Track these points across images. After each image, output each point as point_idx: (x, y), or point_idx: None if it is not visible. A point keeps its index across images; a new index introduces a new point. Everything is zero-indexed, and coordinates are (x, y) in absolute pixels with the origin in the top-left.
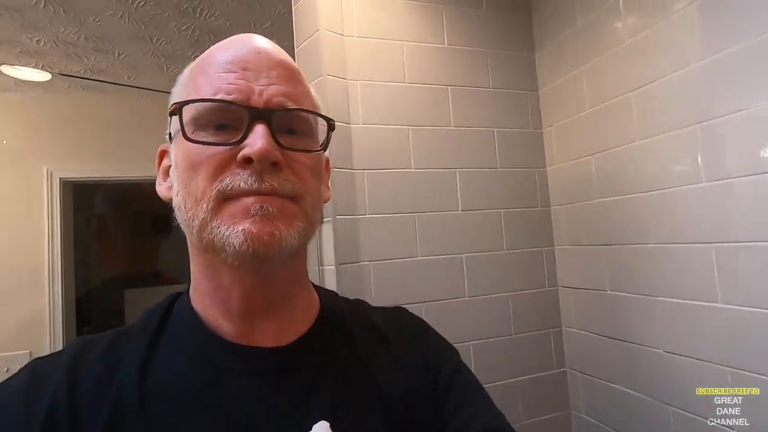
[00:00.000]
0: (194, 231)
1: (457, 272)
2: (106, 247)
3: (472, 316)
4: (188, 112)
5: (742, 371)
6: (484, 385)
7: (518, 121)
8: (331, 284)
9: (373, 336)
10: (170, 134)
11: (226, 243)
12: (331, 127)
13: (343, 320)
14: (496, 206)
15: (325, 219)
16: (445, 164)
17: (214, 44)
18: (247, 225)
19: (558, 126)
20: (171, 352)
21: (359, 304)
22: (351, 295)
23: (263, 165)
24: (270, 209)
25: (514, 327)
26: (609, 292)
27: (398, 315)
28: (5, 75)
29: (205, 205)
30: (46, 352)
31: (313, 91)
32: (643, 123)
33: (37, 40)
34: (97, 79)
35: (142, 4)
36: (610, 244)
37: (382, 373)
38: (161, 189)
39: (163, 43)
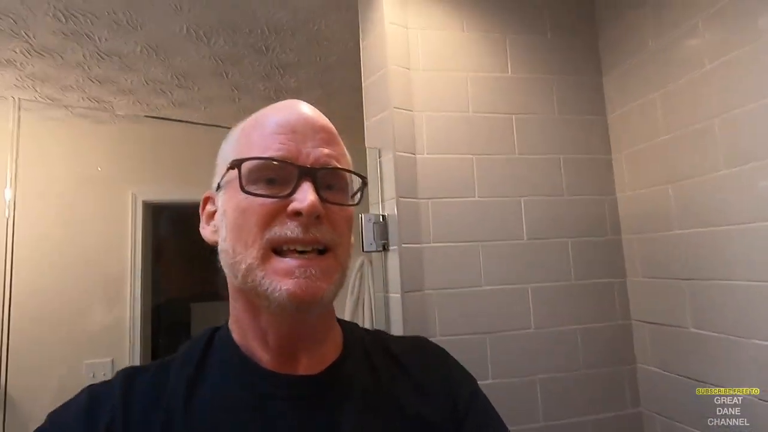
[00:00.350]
0: (239, 275)
1: (523, 303)
2: (174, 264)
3: (538, 349)
4: (245, 166)
5: None
6: (552, 422)
7: (585, 147)
8: (396, 312)
9: (393, 363)
10: (219, 184)
11: (270, 296)
12: (364, 183)
13: (365, 350)
14: (563, 235)
15: (391, 247)
16: (510, 192)
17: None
18: (290, 286)
19: (629, 153)
20: (214, 379)
21: (378, 334)
22: (415, 324)
23: (310, 219)
24: (313, 272)
25: (584, 362)
26: (692, 330)
27: (418, 343)
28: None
29: (254, 252)
30: (127, 359)
31: (346, 151)
32: (729, 151)
33: (130, 80)
34: (174, 119)
35: (221, 44)
36: (692, 279)
37: (404, 398)
38: (206, 232)
39: (236, 78)
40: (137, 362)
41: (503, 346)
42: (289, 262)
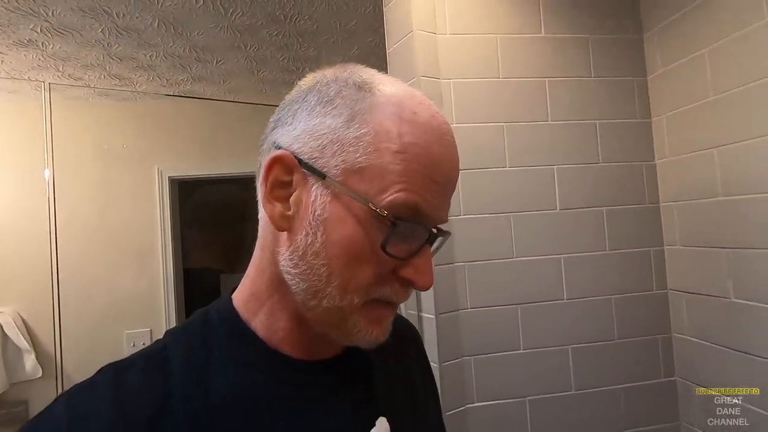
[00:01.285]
0: (320, 303)
1: (555, 274)
2: (201, 237)
3: (570, 319)
4: (400, 226)
5: None
6: (585, 390)
7: (623, 111)
8: None
9: (392, 339)
10: (323, 174)
11: (353, 336)
12: (445, 238)
13: None
14: (598, 203)
15: None
16: (542, 161)
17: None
18: (378, 334)
19: (670, 115)
20: (233, 377)
21: None
22: (446, 296)
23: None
24: (391, 320)
25: (617, 331)
26: (733, 300)
27: (401, 319)
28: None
29: (355, 299)
30: (163, 330)
31: None
32: None
33: (150, 56)
34: (194, 96)
35: (239, 15)
36: (736, 248)
37: (410, 368)
38: (273, 212)
39: (254, 50)
40: None
41: (535, 317)
42: (383, 312)
